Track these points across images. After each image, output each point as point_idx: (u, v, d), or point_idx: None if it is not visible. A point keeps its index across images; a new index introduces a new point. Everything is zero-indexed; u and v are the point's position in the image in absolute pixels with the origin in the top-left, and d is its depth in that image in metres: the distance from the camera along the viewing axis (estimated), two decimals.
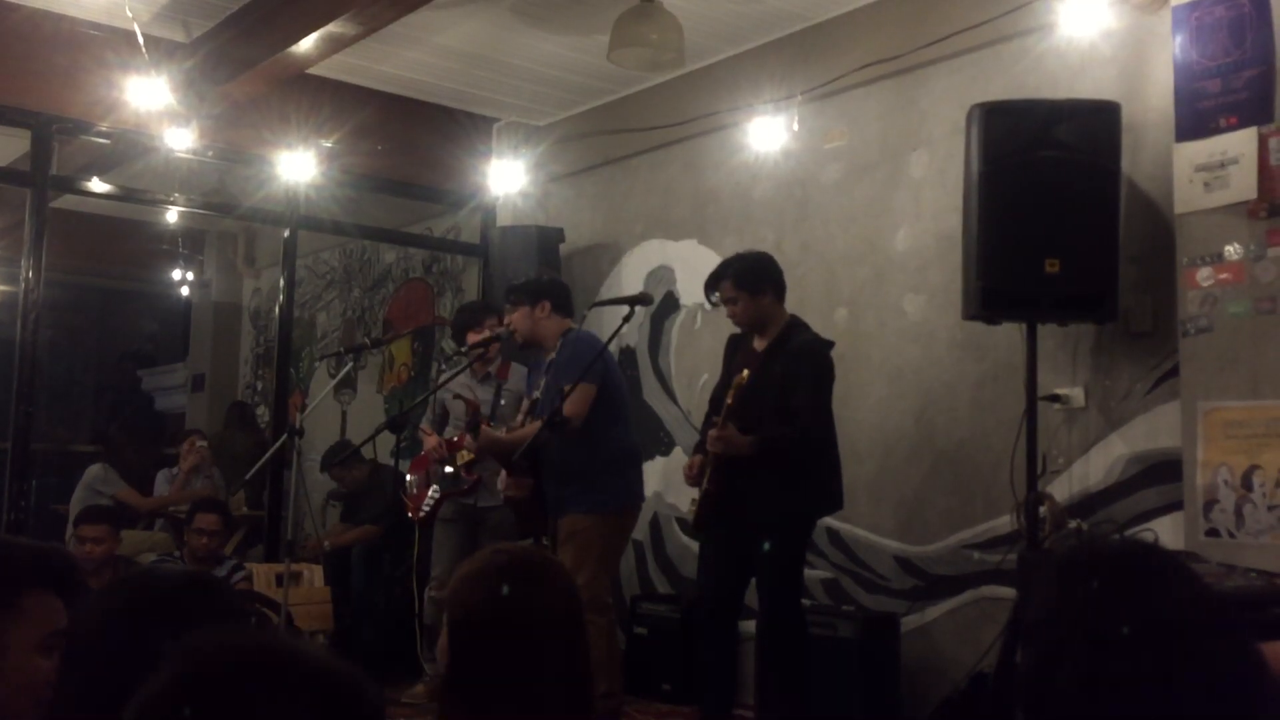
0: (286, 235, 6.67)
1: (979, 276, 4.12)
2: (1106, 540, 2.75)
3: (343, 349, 7.03)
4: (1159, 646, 1.21)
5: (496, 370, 5.46)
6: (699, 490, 4.28)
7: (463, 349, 5.43)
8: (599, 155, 6.54)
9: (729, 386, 4.17)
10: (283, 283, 6.69)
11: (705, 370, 5.78)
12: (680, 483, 4.95)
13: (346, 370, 6.77)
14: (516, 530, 4.86)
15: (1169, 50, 4.09)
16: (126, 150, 6.32)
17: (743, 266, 4.39)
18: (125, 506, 6.74)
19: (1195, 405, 3.91)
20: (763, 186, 5.72)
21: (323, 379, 8.70)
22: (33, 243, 5.71)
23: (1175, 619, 1.24)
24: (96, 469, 6.95)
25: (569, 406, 4.30)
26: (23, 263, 5.72)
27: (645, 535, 6.04)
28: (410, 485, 5.46)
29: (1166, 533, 4.08)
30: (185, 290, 9.94)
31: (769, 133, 5.43)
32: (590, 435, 4.46)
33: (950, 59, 4.94)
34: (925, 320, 4.99)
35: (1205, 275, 3.90)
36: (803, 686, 4.22)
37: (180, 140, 5.76)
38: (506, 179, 6.73)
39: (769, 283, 4.38)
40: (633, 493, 4.72)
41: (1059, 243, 4.00)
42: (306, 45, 5.18)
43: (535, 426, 4.34)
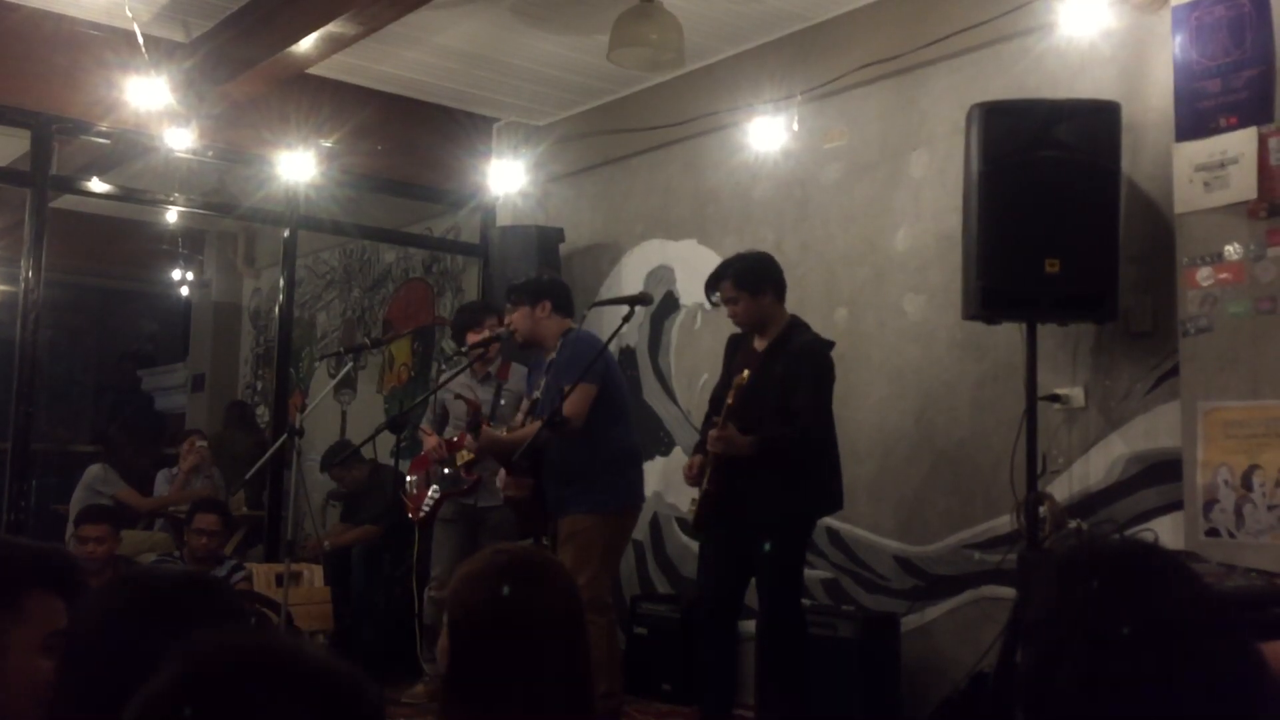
0: (286, 235, 6.67)
1: (979, 276, 4.12)
2: (1106, 540, 2.75)
3: (343, 349, 7.03)
4: (1159, 646, 1.21)
5: (497, 370, 5.46)
6: (699, 490, 4.28)
7: (463, 349, 5.43)
8: (599, 155, 6.54)
9: (729, 386, 4.17)
10: (282, 283, 6.68)
11: (705, 370, 5.78)
12: (680, 483, 4.95)
13: (346, 370, 6.77)
14: (517, 530, 4.86)
15: (1169, 50, 4.09)
16: (126, 150, 6.32)
17: (743, 266, 4.39)
18: (125, 506, 6.74)
19: (1195, 405, 3.91)
20: (763, 186, 5.72)
21: (323, 379, 8.69)
22: (33, 243, 5.71)
23: (1175, 619, 1.24)
24: (96, 469, 6.95)
25: (569, 407, 4.30)
26: (23, 263, 5.72)
27: (645, 535, 6.04)
28: (410, 485, 5.46)
29: (1166, 533, 4.08)
30: (185, 290, 9.94)
31: (769, 133, 5.43)
32: (591, 435, 4.45)
33: (950, 59, 4.94)
34: (925, 320, 4.99)
35: (1205, 275, 3.90)
36: (803, 686, 4.22)
37: (180, 140, 5.76)
38: (506, 179, 6.73)
39: (769, 283, 4.38)
40: (633, 493, 4.72)
41: (1059, 243, 4.00)
42: (306, 45, 5.18)
43: (535, 426, 4.34)
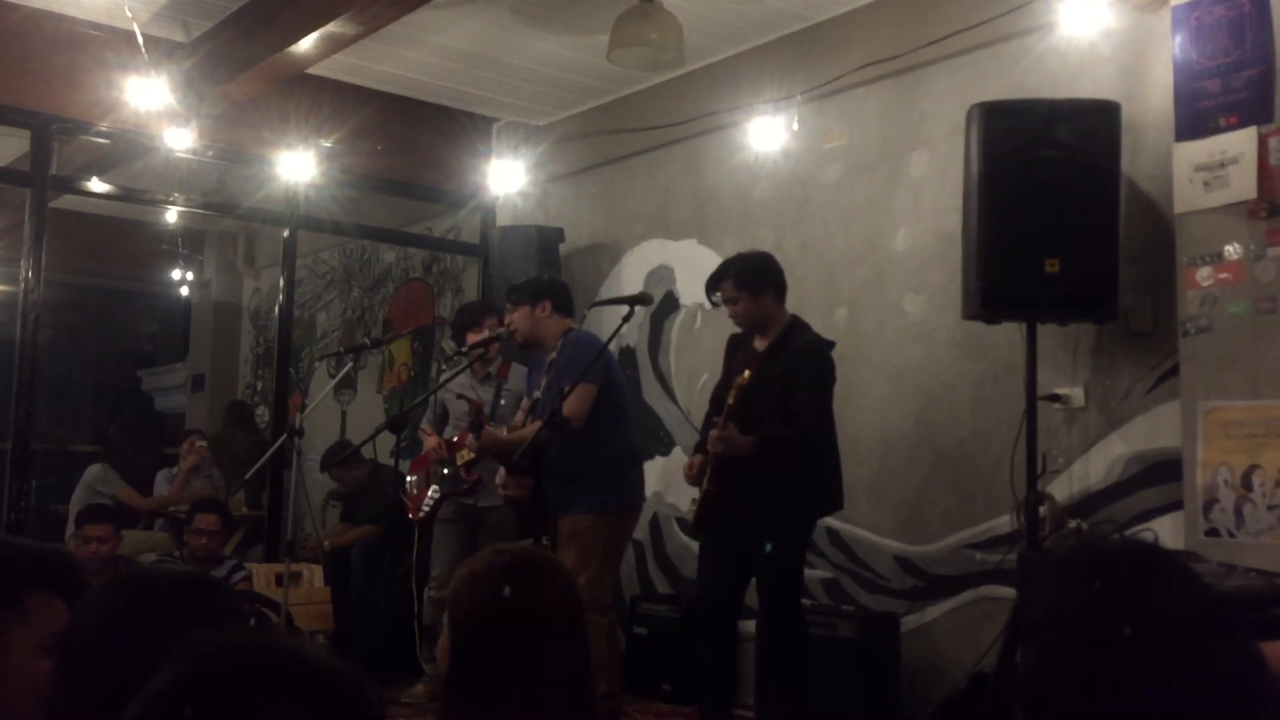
0: (286, 235, 6.66)
1: (979, 276, 4.12)
2: (1106, 540, 2.75)
3: (343, 349, 7.03)
4: (1159, 646, 1.21)
5: (497, 370, 5.46)
6: (699, 490, 4.28)
7: (463, 349, 5.43)
8: (599, 155, 6.54)
9: (730, 386, 4.17)
10: (282, 283, 6.68)
11: (705, 370, 5.78)
12: (680, 483, 4.95)
13: (346, 370, 6.77)
14: (517, 530, 4.86)
15: (1169, 50, 4.09)
16: (126, 150, 6.32)
17: (744, 266, 4.39)
18: (125, 506, 6.74)
19: (1195, 405, 3.91)
20: (762, 186, 5.72)
21: (323, 379, 8.69)
22: (32, 243, 5.71)
23: (1175, 619, 1.24)
24: (96, 469, 6.95)
25: (569, 407, 4.30)
26: (22, 263, 5.72)
27: (645, 535, 6.04)
28: (410, 485, 5.46)
29: (1166, 532, 4.08)
30: (185, 290, 9.93)
31: (769, 133, 5.43)
32: (591, 435, 4.45)
33: (950, 59, 4.94)
34: (925, 320, 4.99)
35: (1205, 275, 3.90)
36: (803, 686, 4.22)
37: (180, 140, 5.76)
38: (506, 179, 6.73)
39: (770, 283, 4.38)
40: (634, 493, 4.72)
41: (1059, 242, 4.00)
42: (306, 45, 5.18)
43: (536, 426, 4.34)
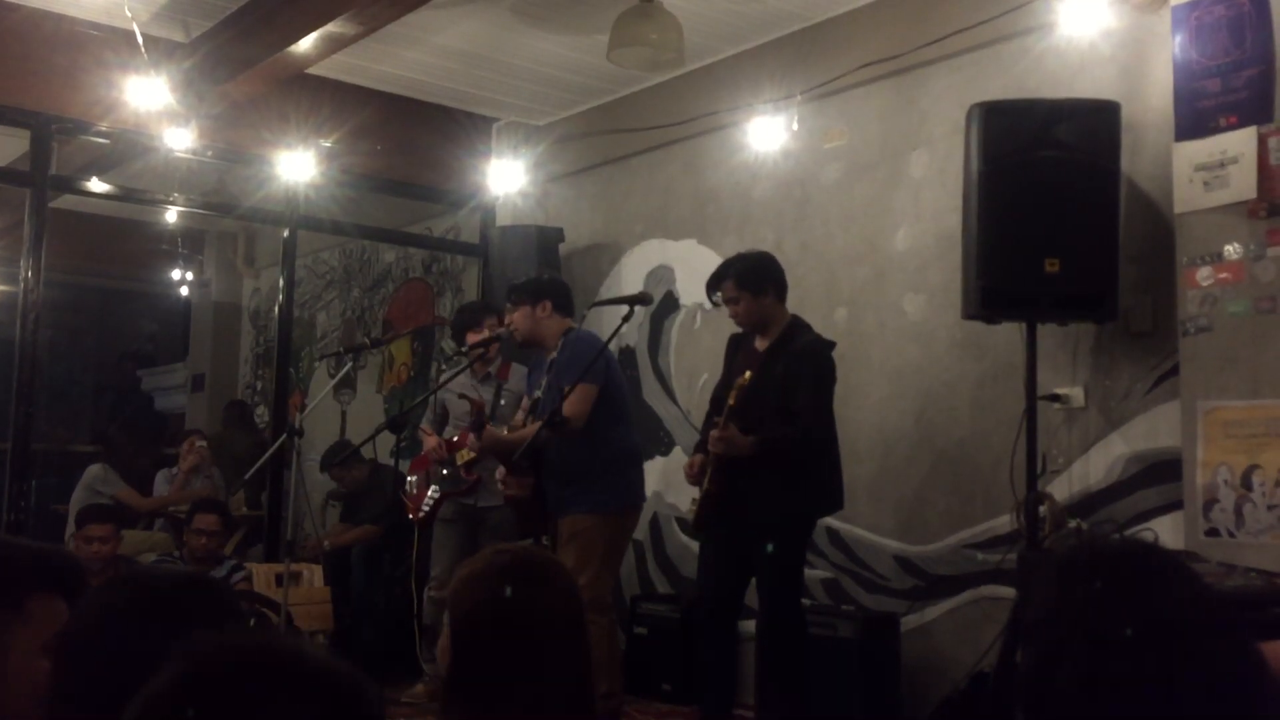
0: (286, 235, 6.66)
1: (979, 276, 4.12)
2: (1106, 540, 2.75)
3: (342, 349, 7.02)
4: (1159, 646, 1.21)
5: (497, 370, 5.46)
6: (699, 490, 4.28)
7: (463, 349, 5.43)
8: (599, 155, 6.54)
9: (730, 386, 4.17)
10: (282, 282, 6.68)
11: (705, 370, 5.78)
12: (680, 483, 4.95)
13: (346, 370, 6.78)
14: (517, 530, 4.86)
15: (1169, 50, 4.09)
16: (126, 150, 6.32)
17: (745, 266, 4.39)
18: (125, 506, 6.74)
19: (1195, 405, 3.91)
20: (762, 186, 5.71)
21: (322, 379, 8.69)
22: (32, 243, 5.71)
23: (1175, 619, 1.24)
24: (96, 469, 6.95)
25: (569, 407, 4.30)
26: (22, 263, 5.72)
27: (645, 535, 6.04)
28: (410, 485, 5.46)
29: (1166, 532, 4.08)
30: (185, 290, 9.93)
31: (769, 132, 5.43)
32: (592, 435, 4.45)
33: (950, 59, 4.94)
34: (925, 320, 4.99)
35: (1205, 275, 3.90)
36: (803, 686, 4.22)
37: (179, 140, 5.76)
38: (506, 179, 6.73)
39: (771, 283, 4.37)
40: (634, 493, 4.72)
41: (1059, 242, 4.00)
42: (306, 45, 5.18)
43: (537, 426, 4.34)
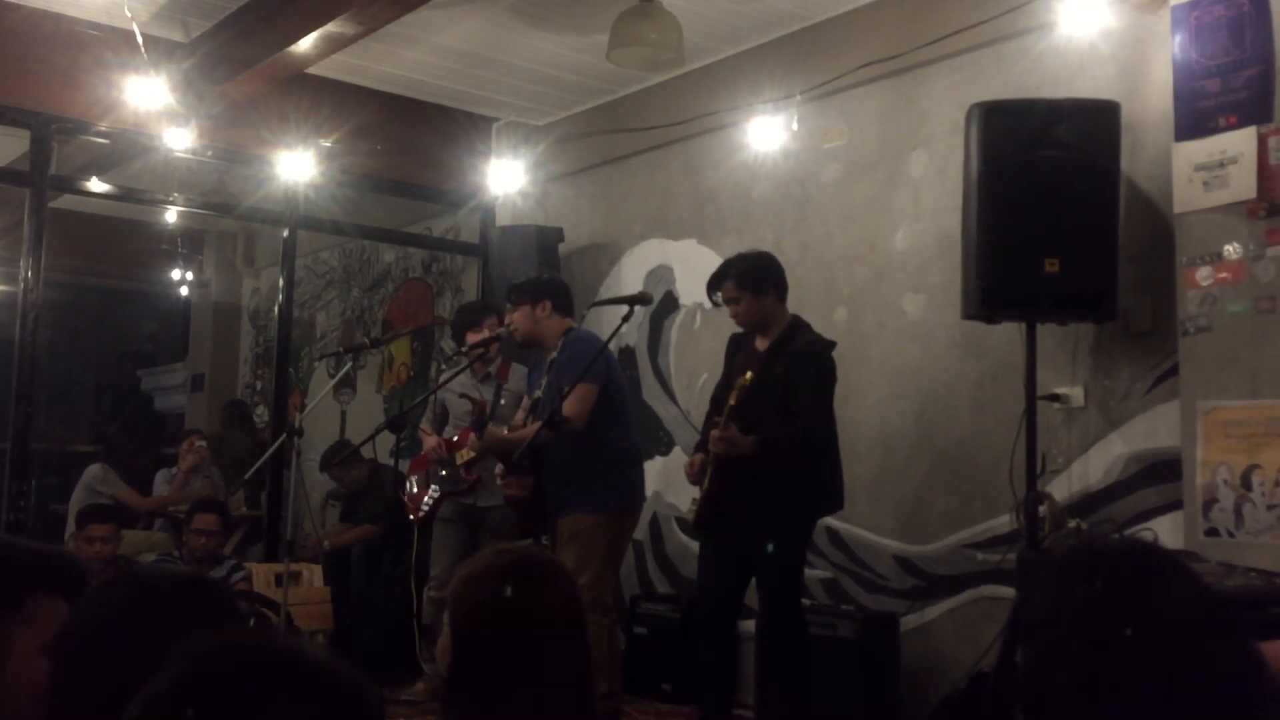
0: (286, 235, 6.66)
1: (978, 276, 4.12)
2: (1106, 540, 2.75)
3: (342, 349, 7.02)
4: (1159, 646, 1.21)
5: (497, 370, 5.46)
6: (700, 490, 4.28)
7: (463, 349, 5.43)
8: (598, 155, 6.54)
9: (731, 386, 4.17)
10: (282, 282, 6.68)
11: (704, 370, 5.78)
12: (680, 483, 4.95)
13: (346, 370, 6.78)
14: (516, 530, 4.86)
15: (1168, 50, 4.09)
16: (125, 150, 6.31)
17: (745, 266, 4.39)
18: (124, 506, 6.74)
19: (1195, 405, 3.91)
20: (762, 186, 5.71)
21: (322, 379, 8.69)
22: (32, 243, 5.71)
23: (1175, 619, 1.24)
24: (96, 469, 6.94)
25: (569, 407, 4.30)
26: (22, 263, 5.72)
27: (645, 535, 6.04)
28: (410, 485, 5.46)
29: (1166, 532, 4.08)
30: (185, 290, 9.93)
31: (768, 132, 5.43)
32: (592, 435, 4.45)
33: (949, 58, 4.94)
34: (925, 320, 4.99)
35: (1205, 275, 3.90)
36: (802, 686, 4.22)
37: (179, 140, 5.76)
38: (506, 179, 6.72)
39: (771, 283, 4.37)
40: (635, 493, 4.72)
41: (1058, 242, 4.00)
42: (305, 45, 5.18)
43: (538, 425, 4.33)
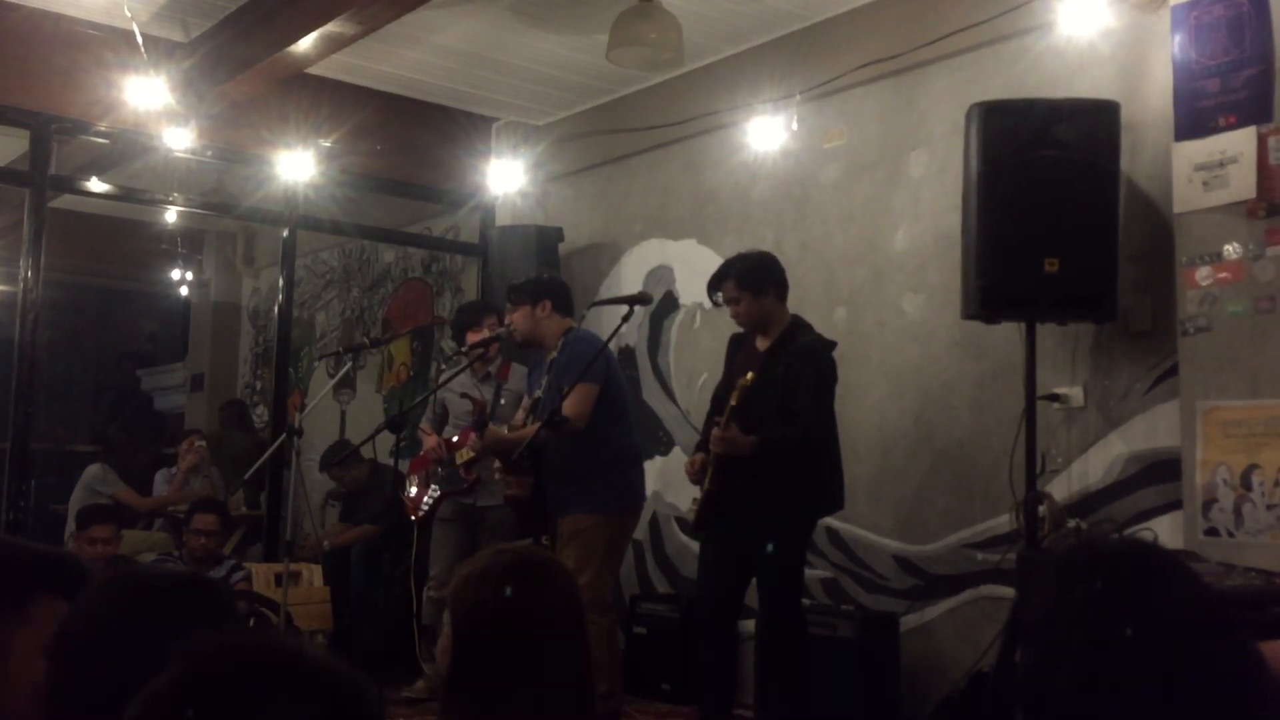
0: (285, 235, 6.66)
1: (978, 276, 4.12)
2: (1105, 540, 2.75)
3: (342, 349, 7.02)
4: (1158, 646, 1.21)
5: (497, 370, 5.46)
6: (700, 490, 4.28)
7: (463, 349, 5.43)
8: (598, 155, 6.54)
9: (732, 386, 4.17)
10: (281, 282, 6.68)
11: (704, 370, 5.78)
12: (680, 482, 4.95)
13: (345, 370, 6.77)
14: (516, 530, 4.86)
15: (1168, 49, 4.09)
16: (125, 150, 6.31)
17: (745, 266, 4.39)
18: (124, 506, 6.74)
19: (1194, 404, 3.91)
20: (762, 186, 5.71)
21: (322, 379, 8.69)
22: (31, 243, 5.71)
23: (1174, 619, 1.24)
24: (95, 469, 6.95)
25: (570, 407, 4.30)
26: (21, 263, 5.72)
27: (645, 535, 6.04)
28: (409, 485, 5.46)
29: (1166, 532, 4.08)
30: (184, 290, 9.92)
31: (768, 132, 5.43)
32: (592, 435, 4.45)
33: (949, 58, 4.94)
34: (924, 320, 4.99)
35: (1204, 274, 3.90)
36: (802, 686, 4.22)
37: (179, 140, 5.76)
38: (505, 179, 6.72)
39: (772, 283, 4.37)
40: (635, 492, 4.72)
41: (1058, 242, 4.00)
42: (305, 45, 5.18)
43: (538, 425, 4.33)
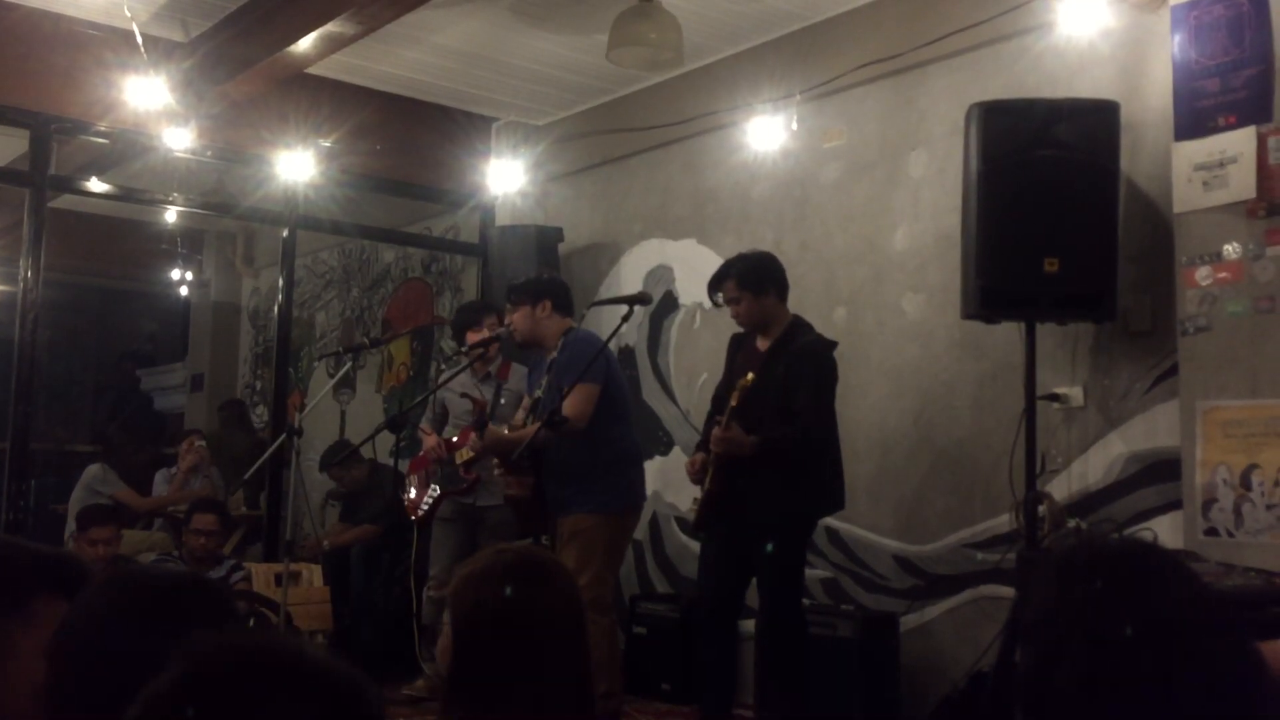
0: (285, 235, 6.66)
1: (978, 276, 4.12)
2: (1105, 540, 2.75)
3: (341, 349, 7.02)
4: (1158, 646, 1.21)
5: (497, 370, 5.46)
6: (700, 490, 4.28)
7: (462, 349, 5.43)
8: (598, 155, 6.54)
9: (732, 386, 4.17)
10: (281, 282, 6.68)
11: (704, 369, 5.78)
12: (680, 482, 4.95)
13: (345, 370, 6.79)
14: (516, 529, 4.86)
15: (1168, 49, 4.09)
16: (125, 150, 6.31)
17: (746, 266, 4.39)
18: (124, 506, 6.74)
19: (1194, 404, 3.91)
20: (761, 186, 5.71)
21: (321, 379, 8.69)
22: (31, 243, 5.71)
23: (1174, 619, 1.24)
24: (95, 469, 6.95)
25: (570, 407, 4.30)
26: (21, 263, 5.72)
27: (645, 535, 6.04)
28: (409, 485, 5.46)
29: (1165, 532, 4.08)
30: (184, 290, 9.93)
31: (768, 132, 5.43)
32: (592, 435, 4.45)
33: (949, 58, 4.94)
34: (924, 320, 4.99)
35: (1204, 274, 3.90)
36: (802, 686, 4.22)
37: (179, 140, 5.76)
38: (505, 178, 6.72)
39: (772, 283, 4.37)
40: (635, 492, 4.71)
41: (1058, 242, 4.00)
42: (305, 45, 5.18)
43: (538, 425, 4.33)
